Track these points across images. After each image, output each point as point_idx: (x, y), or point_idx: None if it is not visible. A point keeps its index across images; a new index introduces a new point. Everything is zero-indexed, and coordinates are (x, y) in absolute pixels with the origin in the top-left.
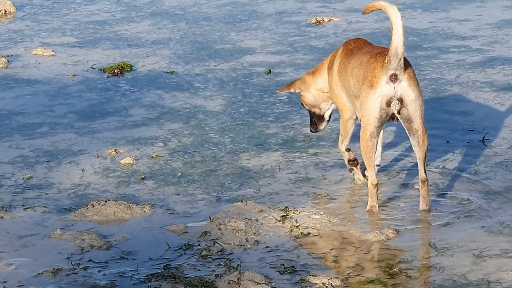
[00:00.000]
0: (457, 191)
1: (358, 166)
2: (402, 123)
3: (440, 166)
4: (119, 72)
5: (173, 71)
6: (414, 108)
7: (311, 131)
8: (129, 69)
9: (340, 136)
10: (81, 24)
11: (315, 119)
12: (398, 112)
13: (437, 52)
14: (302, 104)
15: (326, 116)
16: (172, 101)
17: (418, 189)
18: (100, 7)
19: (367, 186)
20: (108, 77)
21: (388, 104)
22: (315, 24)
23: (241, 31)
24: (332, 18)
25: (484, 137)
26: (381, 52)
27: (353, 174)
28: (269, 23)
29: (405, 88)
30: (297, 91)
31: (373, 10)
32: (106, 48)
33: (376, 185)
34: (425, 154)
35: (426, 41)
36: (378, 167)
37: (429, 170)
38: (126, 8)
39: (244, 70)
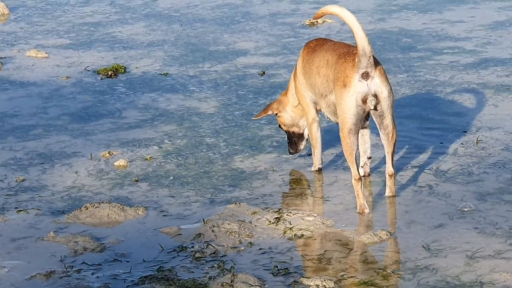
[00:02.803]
0: (450, 192)
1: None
2: (374, 119)
3: (434, 168)
4: (113, 74)
5: (167, 73)
6: (387, 104)
7: (290, 152)
8: (123, 71)
9: (312, 149)
10: (75, 26)
11: (295, 139)
12: (375, 108)
13: (430, 54)
14: (279, 126)
15: (306, 134)
16: (166, 103)
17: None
18: (94, 9)
19: (354, 189)
20: (102, 79)
21: (364, 101)
22: (309, 25)
23: (235, 32)
24: (326, 20)
25: (477, 138)
26: (348, 51)
27: None
28: (263, 25)
29: (378, 85)
30: (275, 113)
31: (324, 15)
32: (100, 50)
33: (359, 179)
34: (394, 148)
35: (420, 42)
36: (370, 159)
37: (422, 172)
38: (120, 10)
39: (238, 72)
